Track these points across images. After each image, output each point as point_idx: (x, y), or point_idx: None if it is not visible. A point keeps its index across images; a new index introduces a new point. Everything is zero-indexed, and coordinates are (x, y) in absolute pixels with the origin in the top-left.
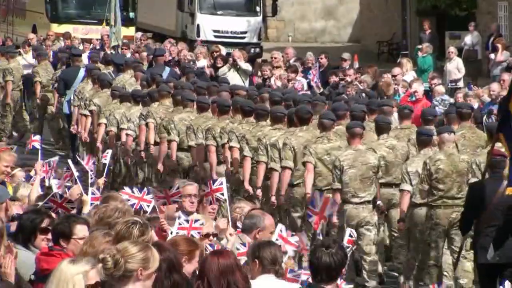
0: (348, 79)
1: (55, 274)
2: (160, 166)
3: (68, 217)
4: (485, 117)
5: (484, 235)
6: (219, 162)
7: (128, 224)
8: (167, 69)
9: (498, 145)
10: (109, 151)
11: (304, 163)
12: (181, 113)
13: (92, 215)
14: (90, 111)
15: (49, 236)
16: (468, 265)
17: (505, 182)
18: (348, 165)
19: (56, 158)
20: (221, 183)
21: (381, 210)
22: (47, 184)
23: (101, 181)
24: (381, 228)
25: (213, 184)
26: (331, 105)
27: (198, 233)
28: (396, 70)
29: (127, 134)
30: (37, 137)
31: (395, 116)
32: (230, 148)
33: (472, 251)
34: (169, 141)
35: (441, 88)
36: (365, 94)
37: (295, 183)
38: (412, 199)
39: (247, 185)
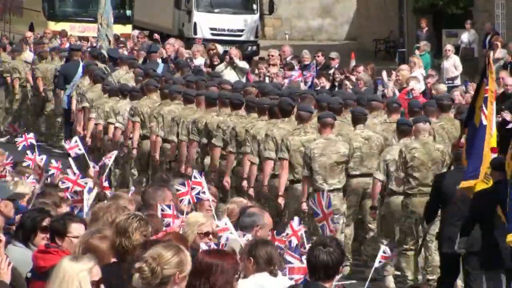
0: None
1: (56, 273)
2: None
3: (64, 216)
4: None
5: (450, 226)
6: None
7: (128, 216)
8: (161, 65)
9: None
10: (114, 152)
11: (279, 159)
12: (170, 105)
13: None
14: (83, 107)
15: (49, 235)
16: (437, 259)
17: None
18: (318, 153)
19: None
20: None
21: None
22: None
23: (91, 172)
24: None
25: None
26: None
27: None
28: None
29: (115, 127)
30: (31, 134)
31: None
32: (213, 146)
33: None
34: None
35: (443, 87)
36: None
37: (276, 173)
38: (389, 186)
39: (227, 179)
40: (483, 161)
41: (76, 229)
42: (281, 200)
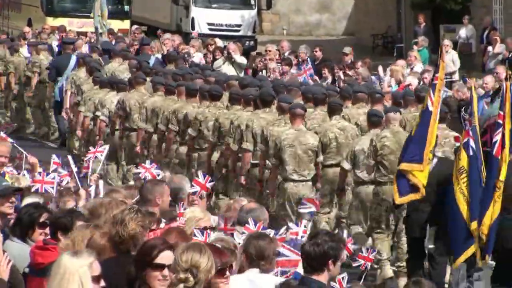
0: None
1: (57, 269)
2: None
3: (70, 211)
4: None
5: (417, 211)
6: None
7: (124, 208)
8: (153, 57)
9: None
10: (106, 147)
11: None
12: (154, 96)
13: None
14: (78, 102)
15: (47, 230)
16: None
17: (435, 160)
18: (288, 144)
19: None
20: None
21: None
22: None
23: (94, 177)
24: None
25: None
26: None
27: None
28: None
29: (100, 120)
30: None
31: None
32: (189, 136)
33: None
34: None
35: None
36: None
37: (253, 162)
38: (358, 175)
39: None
40: (426, 146)
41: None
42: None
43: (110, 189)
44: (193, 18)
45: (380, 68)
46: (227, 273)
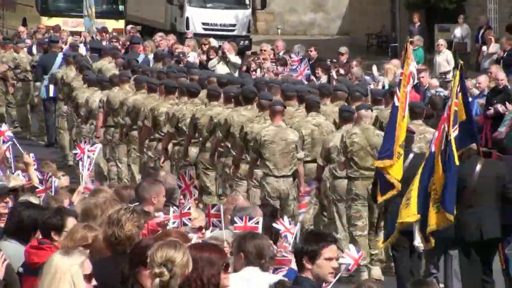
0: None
1: (48, 268)
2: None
3: (58, 210)
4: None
5: (393, 203)
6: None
7: (119, 209)
8: (142, 55)
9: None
10: (98, 146)
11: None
12: (136, 94)
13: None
14: (60, 98)
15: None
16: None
17: (411, 155)
18: (269, 140)
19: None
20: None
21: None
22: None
23: (85, 174)
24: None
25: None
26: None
27: (189, 219)
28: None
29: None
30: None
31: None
32: (167, 133)
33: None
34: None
35: (435, 81)
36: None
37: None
38: (333, 170)
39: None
40: (395, 141)
41: (72, 222)
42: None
43: (96, 189)
44: (187, 18)
45: (375, 68)
46: (230, 269)
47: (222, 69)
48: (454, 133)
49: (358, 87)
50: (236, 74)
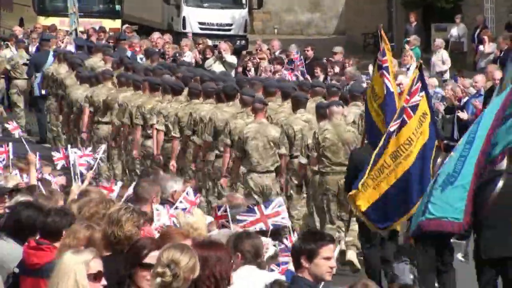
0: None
1: (57, 266)
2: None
3: (58, 212)
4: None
5: None
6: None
7: (119, 208)
8: (129, 53)
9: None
10: (103, 146)
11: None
12: (126, 92)
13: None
14: (61, 96)
15: None
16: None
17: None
18: (251, 137)
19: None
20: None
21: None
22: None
23: (90, 174)
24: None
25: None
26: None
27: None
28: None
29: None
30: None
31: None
32: (156, 129)
33: None
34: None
35: (434, 81)
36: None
37: (217, 154)
38: (312, 167)
39: (173, 163)
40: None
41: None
42: (223, 181)
43: (85, 189)
44: (184, 18)
45: (371, 67)
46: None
47: (218, 68)
48: (392, 128)
49: (336, 82)
50: (233, 74)
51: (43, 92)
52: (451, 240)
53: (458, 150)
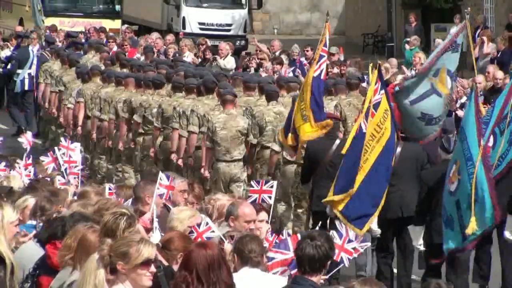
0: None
1: (86, 265)
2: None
3: (59, 220)
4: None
5: (320, 187)
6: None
7: (116, 216)
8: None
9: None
10: (76, 145)
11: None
12: (107, 87)
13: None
14: (59, 91)
15: None
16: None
17: (337, 141)
18: (220, 127)
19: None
20: (272, 186)
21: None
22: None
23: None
24: None
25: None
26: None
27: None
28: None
29: (68, 108)
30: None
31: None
32: (135, 122)
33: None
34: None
35: None
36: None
37: (197, 145)
38: (284, 156)
39: (153, 150)
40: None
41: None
42: (203, 170)
43: (83, 190)
44: (184, 18)
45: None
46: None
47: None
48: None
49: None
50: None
51: (26, 87)
52: (408, 227)
53: (463, 171)
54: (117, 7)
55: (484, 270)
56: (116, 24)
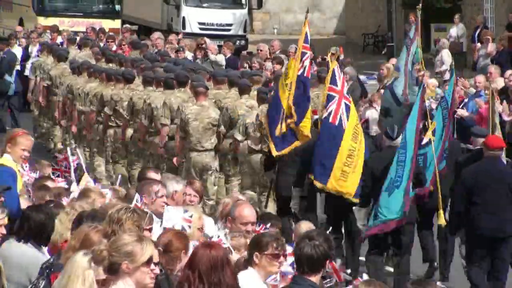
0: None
1: (67, 267)
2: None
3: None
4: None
5: (285, 174)
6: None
7: (120, 209)
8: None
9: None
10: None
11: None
12: (93, 82)
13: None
14: (47, 85)
15: None
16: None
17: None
18: (192, 118)
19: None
20: None
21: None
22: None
23: (85, 176)
24: None
25: None
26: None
27: (189, 226)
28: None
29: (58, 101)
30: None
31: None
32: (105, 114)
33: None
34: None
35: (434, 81)
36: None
37: (169, 136)
38: (249, 145)
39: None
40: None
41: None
42: (175, 160)
43: (85, 189)
44: (184, 18)
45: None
46: None
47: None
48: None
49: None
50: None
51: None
52: (353, 208)
53: (395, 156)
54: (117, 7)
55: (430, 253)
56: (116, 24)
